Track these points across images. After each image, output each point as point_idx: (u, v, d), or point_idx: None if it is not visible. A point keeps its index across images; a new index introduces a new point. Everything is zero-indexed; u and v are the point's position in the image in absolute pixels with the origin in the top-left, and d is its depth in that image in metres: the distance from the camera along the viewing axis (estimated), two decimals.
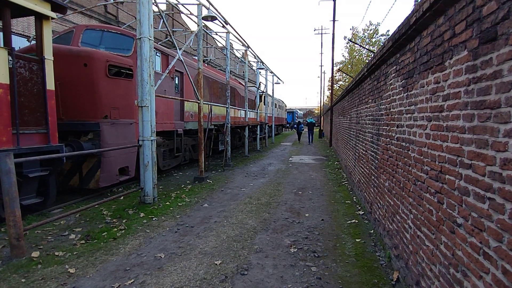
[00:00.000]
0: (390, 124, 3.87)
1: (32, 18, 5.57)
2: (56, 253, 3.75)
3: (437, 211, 2.34)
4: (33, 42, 7.16)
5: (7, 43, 4.49)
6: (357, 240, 4.29)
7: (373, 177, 4.93)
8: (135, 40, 7.29)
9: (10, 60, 4.44)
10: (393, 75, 3.82)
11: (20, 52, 5.27)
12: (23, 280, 3.12)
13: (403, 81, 3.37)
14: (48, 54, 5.06)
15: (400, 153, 3.39)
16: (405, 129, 3.21)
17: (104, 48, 7.22)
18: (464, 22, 1.98)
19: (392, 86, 3.86)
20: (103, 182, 6.32)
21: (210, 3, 8.51)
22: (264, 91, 20.63)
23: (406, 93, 3.22)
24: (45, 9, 4.96)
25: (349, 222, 5.05)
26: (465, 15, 1.97)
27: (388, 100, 4.05)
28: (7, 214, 3.51)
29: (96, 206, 5.47)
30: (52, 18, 5.13)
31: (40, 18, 4.94)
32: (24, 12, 4.86)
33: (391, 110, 3.85)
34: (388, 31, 27.46)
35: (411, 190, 2.98)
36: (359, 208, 5.82)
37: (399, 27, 3.25)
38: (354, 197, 6.63)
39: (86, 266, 3.46)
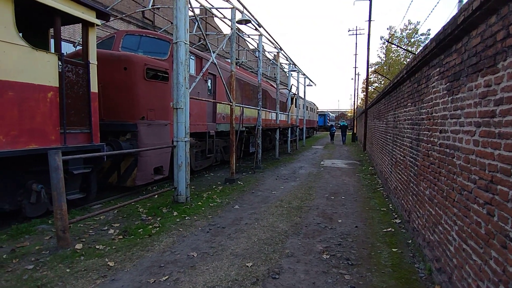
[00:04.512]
0: (432, 129, 3.66)
1: (78, 25, 6.00)
2: (97, 247, 3.96)
3: (486, 224, 2.17)
4: (78, 47, 7.66)
5: (57, 49, 4.82)
6: (393, 249, 4.10)
7: (411, 184, 4.70)
8: (171, 44, 7.54)
9: (60, 65, 4.77)
10: (436, 77, 3.62)
11: (68, 57, 5.64)
12: (67, 270, 3.33)
13: (447, 84, 3.18)
14: (93, 58, 5.36)
15: (443, 160, 3.20)
16: (450, 134, 3.02)
17: (142, 52, 7.55)
18: None
19: (434, 89, 3.66)
20: (139, 181, 6.59)
21: (244, 7, 8.58)
22: (296, 93, 20.47)
23: (451, 97, 3.04)
24: (91, 17, 5.27)
25: (385, 230, 4.85)
26: None
27: (430, 104, 3.85)
28: (55, 207, 3.77)
29: (133, 203, 5.71)
30: (97, 25, 5.44)
31: (86, 25, 5.26)
32: (72, 20, 5.21)
33: (434, 114, 3.64)
34: (429, 30, 26.16)
35: (455, 200, 2.80)
36: (396, 216, 5.57)
37: (444, 27, 3.07)
38: (390, 205, 6.36)
39: (124, 260, 3.61)
